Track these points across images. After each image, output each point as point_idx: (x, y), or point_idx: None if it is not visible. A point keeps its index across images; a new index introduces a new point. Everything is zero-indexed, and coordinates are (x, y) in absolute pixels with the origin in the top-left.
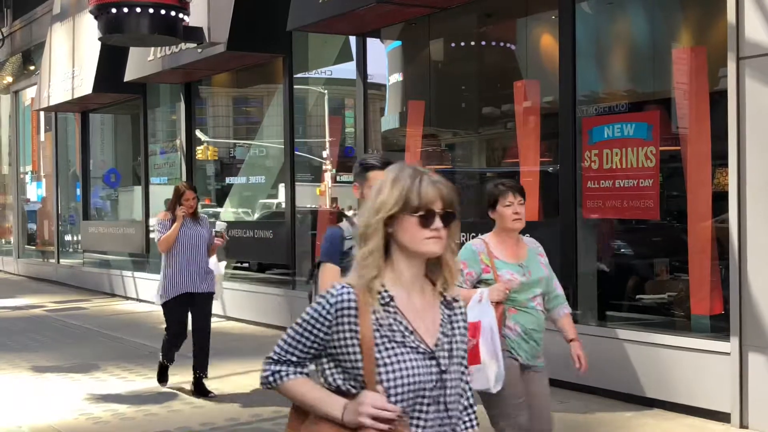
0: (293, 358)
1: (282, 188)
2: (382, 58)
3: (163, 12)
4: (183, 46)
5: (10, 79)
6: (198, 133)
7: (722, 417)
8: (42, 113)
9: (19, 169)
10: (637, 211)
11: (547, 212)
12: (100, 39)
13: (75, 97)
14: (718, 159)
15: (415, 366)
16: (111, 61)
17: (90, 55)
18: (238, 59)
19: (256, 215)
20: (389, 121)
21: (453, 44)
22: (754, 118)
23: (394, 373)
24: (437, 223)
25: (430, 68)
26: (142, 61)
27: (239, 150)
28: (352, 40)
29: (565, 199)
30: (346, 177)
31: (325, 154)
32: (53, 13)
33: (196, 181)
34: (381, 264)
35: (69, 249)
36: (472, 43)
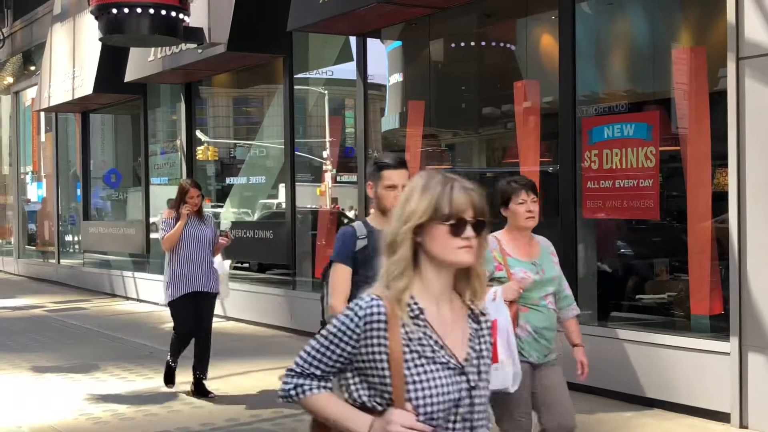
0: (317, 372)
1: (282, 188)
2: (383, 59)
3: (163, 12)
4: (183, 46)
5: (10, 80)
6: (198, 134)
7: (722, 417)
8: (42, 113)
9: (20, 169)
10: (637, 212)
11: (547, 212)
12: (100, 39)
13: (75, 97)
14: (718, 159)
15: (446, 384)
16: (111, 62)
17: (90, 56)
18: (239, 60)
19: (257, 215)
20: (389, 121)
21: (453, 44)
22: (754, 119)
23: (424, 391)
24: (469, 231)
25: (430, 68)
26: (143, 62)
27: (239, 150)
28: (353, 40)
29: (565, 200)
30: (347, 177)
31: (326, 154)
32: (54, 13)
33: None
34: (411, 275)
35: (69, 249)
36: (472, 44)
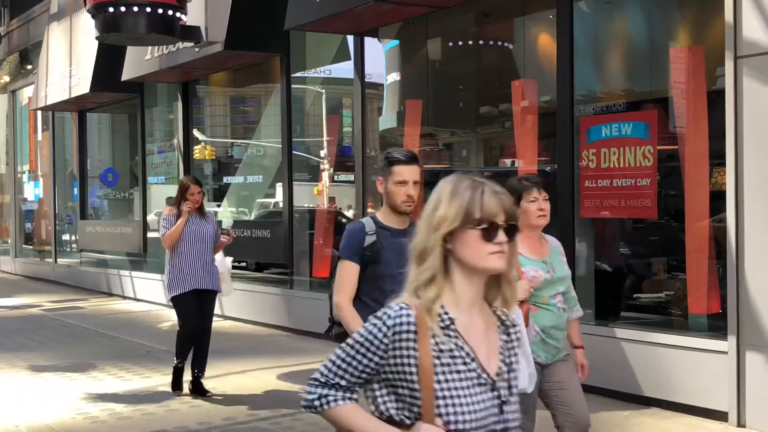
0: (342, 382)
1: (279, 188)
2: (380, 58)
3: (160, 11)
4: (180, 45)
5: (7, 79)
6: (195, 133)
7: (719, 416)
8: (39, 112)
9: (17, 168)
10: (635, 211)
11: None
12: (97, 38)
13: (72, 96)
14: (716, 158)
15: (478, 400)
16: (108, 61)
17: (87, 55)
18: (236, 58)
19: (254, 215)
20: (387, 120)
21: (451, 43)
22: (752, 118)
23: (455, 407)
24: (501, 236)
25: (427, 67)
26: (140, 61)
27: (237, 149)
28: (350, 39)
29: (562, 199)
30: (344, 176)
31: (323, 153)
32: (50, 12)
33: None
34: (442, 284)
35: (66, 248)
36: (470, 43)
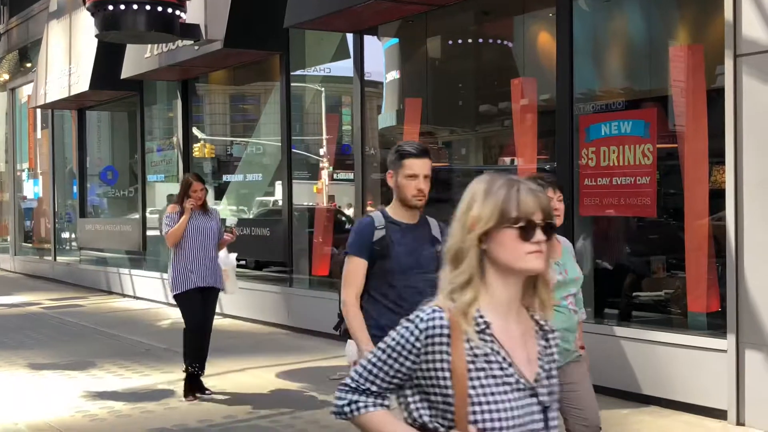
0: (373, 388)
1: (279, 186)
2: (380, 56)
3: (159, 9)
4: (180, 43)
5: (6, 77)
6: (195, 131)
7: (719, 414)
8: (39, 110)
9: (16, 166)
10: (634, 209)
11: None
12: (97, 36)
13: (72, 94)
14: (715, 156)
15: (516, 406)
16: (108, 59)
17: (87, 53)
18: (235, 56)
19: (253, 213)
20: (386, 118)
21: (450, 42)
22: (751, 116)
23: (492, 414)
24: (539, 235)
25: (427, 66)
26: (139, 59)
27: (236, 147)
28: (350, 37)
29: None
30: (343, 175)
31: (322, 151)
32: (50, 10)
33: None
34: (478, 286)
35: (66, 246)
36: (470, 41)
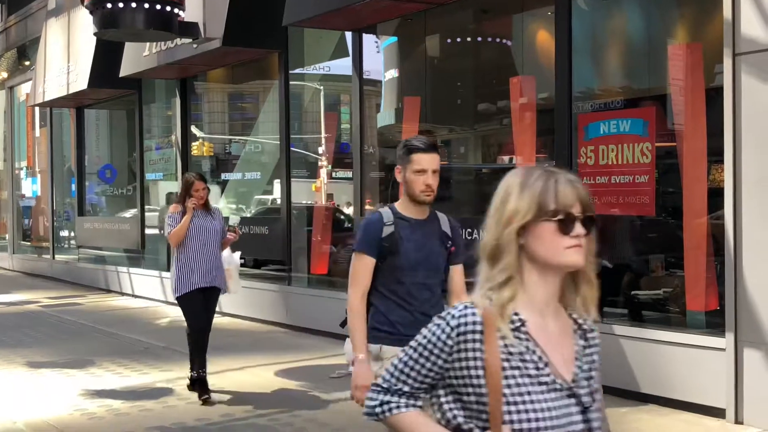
0: (405, 388)
1: (277, 184)
2: (378, 54)
3: (158, 7)
4: (178, 41)
5: (5, 75)
6: (193, 129)
7: (717, 413)
8: (37, 109)
9: (14, 164)
10: (633, 207)
11: None
12: (95, 34)
13: (70, 92)
14: (714, 155)
15: (552, 407)
16: (106, 57)
17: (85, 51)
18: (234, 55)
19: (252, 211)
20: (385, 117)
21: (449, 40)
22: (750, 115)
23: (528, 414)
24: (578, 228)
25: (426, 64)
26: (138, 57)
27: (235, 146)
28: (348, 35)
29: None
30: (342, 173)
31: (321, 150)
32: (48, 8)
33: None
34: (519, 283)
35: (64, 245)
36: (468, 39)
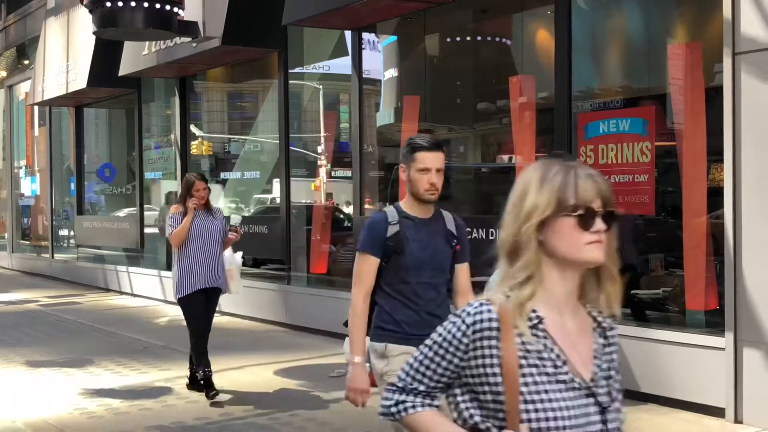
0: (421, 387)
1: (277, 183)
2: (378, 53)
3: (157, 6)
4: (178, 40)
5: (4, 74)
6: (193, 128)
7: (717, 412)
8: (36, 108)
9: (13, 163)
10: (633, 207)
11: None
12: (94, 33)
13: (69, 91)
14: (714, 154)
15: (570, 406)
16: (105, 56)
17: (84, 50)
18: (233, 54)
19: (251, 210)
20: (384, 116)
21: (448, 39)
22: (750, 114)
23: (546, 413)
24: (599, 224)
25: (425, 63)
26: (137, 56)
27: (234, 145)
28: (348, 35)
29: None
30: (341, 172)
31: (320, 149)
32: (47, 7)
33: None
34: (539, 280)
35: (63, 244)
36: (468, 39)
